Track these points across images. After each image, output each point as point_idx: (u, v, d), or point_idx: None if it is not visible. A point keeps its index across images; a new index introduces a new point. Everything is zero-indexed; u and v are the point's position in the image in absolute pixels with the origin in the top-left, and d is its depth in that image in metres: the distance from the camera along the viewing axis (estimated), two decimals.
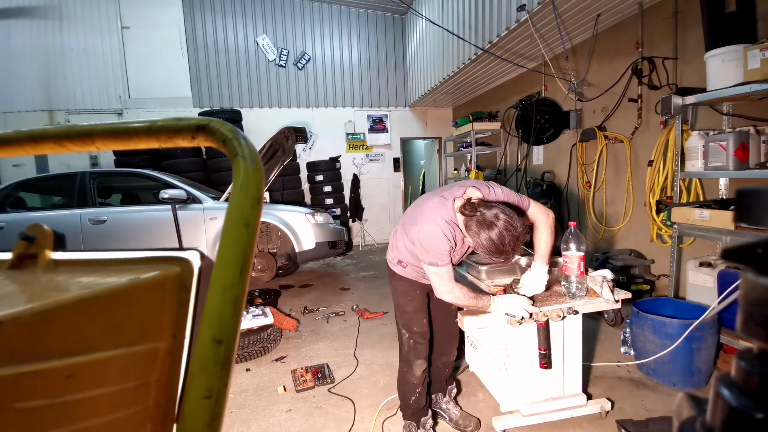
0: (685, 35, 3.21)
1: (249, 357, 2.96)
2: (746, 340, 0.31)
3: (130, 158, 5.92)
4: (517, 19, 3.74)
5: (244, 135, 0.43)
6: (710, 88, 2.53)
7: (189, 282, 0.47)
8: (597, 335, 3.11)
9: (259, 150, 4.53)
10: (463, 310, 1.90)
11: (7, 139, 0.48)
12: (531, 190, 4.79)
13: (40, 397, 0.36)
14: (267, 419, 2.26)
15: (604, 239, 4.17)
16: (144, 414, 0.43)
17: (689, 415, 0.37)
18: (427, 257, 1.70)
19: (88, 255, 0.52)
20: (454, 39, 5.13)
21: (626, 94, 3.73)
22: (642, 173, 3.54)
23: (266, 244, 4.98)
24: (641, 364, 2.49)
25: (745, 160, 2.42)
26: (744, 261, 0.32)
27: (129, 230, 4.36)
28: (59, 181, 4.98)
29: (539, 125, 4.67)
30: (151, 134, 0.45)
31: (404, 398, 2.04)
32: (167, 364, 0.45)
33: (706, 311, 2.26)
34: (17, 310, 0.36)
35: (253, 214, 0.40)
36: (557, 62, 4.62)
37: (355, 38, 7.62)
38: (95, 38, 6.75)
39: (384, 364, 2.83)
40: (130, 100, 6.96)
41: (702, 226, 2.52)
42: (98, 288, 0.42)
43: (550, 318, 1.83)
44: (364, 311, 3.85)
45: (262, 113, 7.34)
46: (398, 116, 7.94)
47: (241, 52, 7.21)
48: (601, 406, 2.08)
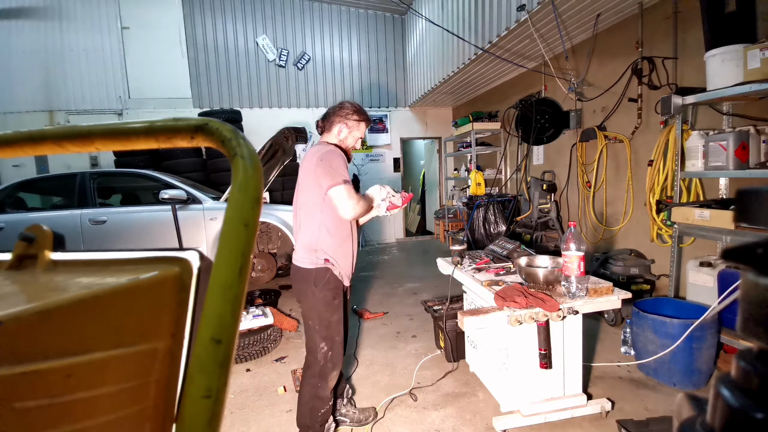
0: (685, 35, 3.21)
1: (249, 357, 2.96)
2: (746, 340, 0.31)
3: (130, 158, 5.92)
4: (517, 19, 3.74)
5: (242, 135, 0.43)
6: (710, 88, 2.53)
7: (188, 282, 0.47)
8: (597, 335, 3.11)
9: (259, 150, 4.52)
10: (463, 311, 1.90)
11: (7, 139, 0.48)
12: (531, 190, 4.79)
13: (40, 397, 0.36)
14: (267, 419, 2.26)
15: (604, 239, 4.17)
16: (143, 414, 0.43)
17: (689, 415, 0.37)
18: (333, 179, 1.74)
19: (87, 255, 0.52)
20: (454, 39, 5.13)
21: (626, 94, 3.73)
22: (642, 173, 3.54)
23: (266, 245, 4.98)
24: (641, 364, 2.49)
25: (745, 160, 2.42)
26: (744, 261, 0.32)
27: (129, 231, 4.36)
28: (59, 182, 4.97)
29: (539, 125, 4.67)
30: (151, 135, 0.45)
31: (312, 414, 1.90)
32: (166, 364, 0.45)
33: (706, 311, 2.26)
34: (17, 310, 0.36)
35: (252, 214, 0.40)
36: (557, 62, 4.62)
37: (355, 38, 7.63)
38: (95, 39, 6.76)
39: (384, 364, 2.83)
40: (129, 100, 6.96)
41: (702, 225, 2.52)
42: (97, 288, 0.42)
43: (550, 318, 1.83)
44: (364, 311, 3.85)
45: (262, 113, 7.34)
46: (398, 116, 7.94)
47: (241, 52, 7.21)
48: (601, 406, 2.09)
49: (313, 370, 1.89)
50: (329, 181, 1.74)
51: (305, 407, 1.91)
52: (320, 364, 1.87)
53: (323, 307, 1.84)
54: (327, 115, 1.97)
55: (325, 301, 1.84)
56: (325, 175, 1.75)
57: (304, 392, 1.92)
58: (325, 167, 1.76)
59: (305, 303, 1.87)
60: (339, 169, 1.76)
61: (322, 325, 1.85)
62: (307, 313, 1.88)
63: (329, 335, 1.87)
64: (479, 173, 6.09)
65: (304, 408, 1.92)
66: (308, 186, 1.83)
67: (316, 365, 1.88)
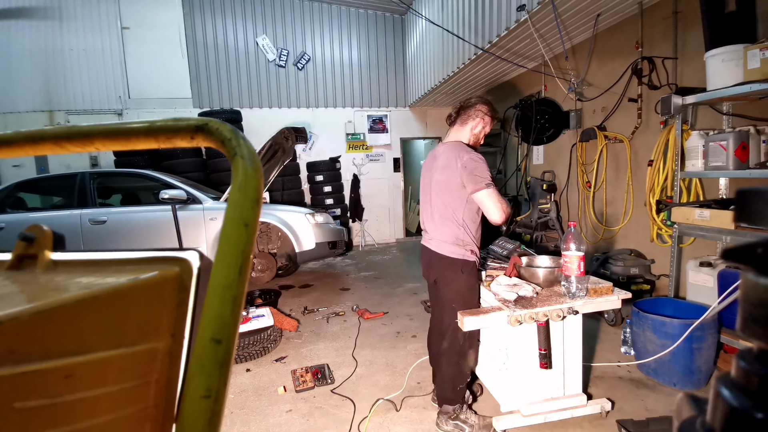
0: (685, 35, 3.21)
1: (249, 357, 2.96)
2: (746, 340, 0.31)
3: (130, 158, 5.93)
4: (517, 19, 3.74)
5: (242, 135, 0.43)
6: (710, 88, 2.53)
7: (188, 282, 0.47)
8: (597, 335, 3.11)
9: (259, 150, 4.53)
10: (463, 310, 1.90)
11: (7, 139, 0.48)
12: (531, 189, 4.79)
13: (39, 397, 0.36)
14: (267, 419, 2.26)
15: (604, 239, 4.17)
16: (143, 414, 0.43)
17: (689, 415, 0.37)
18: (481, 181, 1.87)
19: (87, 255, 0.52)
20: (454, 39, 5.13)
21: (626, 94, 3.73)
22: (642, 173, 3.54)
23: (266, 245, 4.98)
24: (641, 364, 2.48)
25: (745, 160, 2.42)
26: (744, 261, 0.32)
27: (129, 230, 4.36)
28: (59, 182, 4.98)
29: (539, 125, 4.67)
30: (150, 135, 0.45)
31: (454, 388, 2.05)
32: (166, 364, 0.45)
33: (706, 311, 2.26)
34: (16, 310, 0.36)
35: (252, 214, 0.40)
36: (557, 62, 4.62)
37: (355, 38, 7.62)
38: (95, 38, 6.75)
39: (384, 365, 2.83)
40: (129, 100, 6.96)
41: (702, 225, 2.52)
42: (97, 288, 0.42)
43: (550, 318, 1.83)
44: (364, 311, 3.85)
45: (262, 113, 7.34)
46: (398, 116, 7.94)
47: (241, 52, 7.21)
48: (601, 406, 2.08)
49: (454, 349, 2.04)
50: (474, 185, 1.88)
51: (448, 383, 2.06)
52: (460, 344, 2.02)
53: (468, 291, 2.02)
54: (464, 107, 2.08)
55: (470, 285, 2.02)
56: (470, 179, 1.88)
57: (446, 371, 2.06)
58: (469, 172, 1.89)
59: (450, 287, 2.02)
60: (483, 174, 1.89)
61: (465, 306, 1.99)
62: (452, 297, 2.01)
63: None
64: None
65: (447, 384, 2.07)
66: (451, 186, 1.95)
67: (457, 345, 2.03)
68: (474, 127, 2.06)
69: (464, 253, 1.99)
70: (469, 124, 2.07)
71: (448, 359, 2.05)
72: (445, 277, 2.04)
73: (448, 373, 2.06)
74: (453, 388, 2.05)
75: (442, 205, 2.00)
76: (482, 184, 1.87)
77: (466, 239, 1.98)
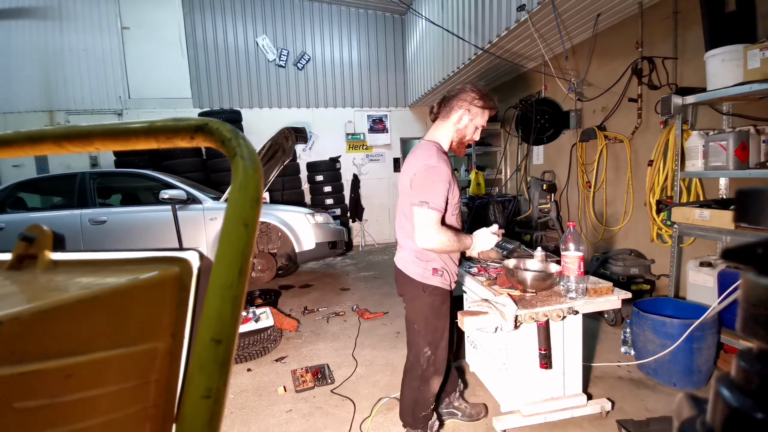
0: (685, 35, 3.21)
1: (249, 357, 2.96)
2: (746, 340, 0.31)
3: (130, 158, 5.92)
4: (517, 19, 3.74)
5: (242, 135, 0.43)
6: (710, 88, 2.53)
7: (188, 282, 0.47)
8: (597, 335, 3.11)
9: (259, 150, 4.53)
10: (464, 310, 1.89)
11: (7, 139, 0.48)
12: (531, 190, 4.79)
13: (39, 397, 0.36)
14: (267, 420, 2.26)
15: (604, 239, 4.17)
16: (143, 414, 0.43)
17: (689, 415, 0.37)
18: (422, 197, 1.58)
19: (87, 255, 0.52)
20: (453, 39, 5.13)
21: (626, 94, 3.73)
22: (642, 173, 3.54)
23: (266, 245, 4.98)
24: (641, 364, 2.48)
25: (745, 160, 2.42)
26: (744, 261, 0.32)
27: (129, 231, 4.36)
28: (59, 182, 4.98)
29: (539, 125, 4.67)
30: (150, 135, 0.45)
31: (414, 414, 1.89)
32: (166, 364, 0.45)
33: (706, 311, 2.26)
34: (16, 310, 0.36)
35: (252, 214, 0.40)
36: (557, 62, 4.62)
37: (355, 38, 7.62)
38: (95, 38, 6.75)
39: (384, 365, 2.83)
40: (129, 100, 6.96)
41: (702, 225, 2.52)
42: (97, 288, 0.42)
43: (550, 318, 1.83)
44: (364, 311, 3.85)
45: (262, 113, 7.34)
46: (398, 116, 7.94)
47: (241, 52, 7.21)
48: (601, 406, 2.08)
49: (415, 372, 1.85)
50: (415, 197, 1.61)
51: (407, 406, 1.90)
52: (422, 368, 1.82)
53: (431, 313, 1.78)
54: (446, 99, 1.75)
55: (433, 306, 1.77)
56: (415, 190, 1.62)
57: (406, 393, 1.90)
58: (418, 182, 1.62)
59: (412, 307, 1.81)
60: (430, 189, 1.59)
61: (428, 329, 1.79)
62: (413, 317, 1.81)
63: (434, 340, 1.81)
64: (479, 173, 6.09)
65: (406, 406, 1.91)
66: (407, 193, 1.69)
67: (419, 368, 1.83)
68: (458, 120, 1.72)
69: (423, 273, 1.74)
70: (452, 117, 1.72)
71: (409, 383, 1.88)
72: (407, 295, 1.83)
73: (408, 397, 1.89)
74: (413, 414, 1.88)
75: (403, 215, 1.75)
76: (419, 200, 1.59)
77: (430, 255, 1.73)
